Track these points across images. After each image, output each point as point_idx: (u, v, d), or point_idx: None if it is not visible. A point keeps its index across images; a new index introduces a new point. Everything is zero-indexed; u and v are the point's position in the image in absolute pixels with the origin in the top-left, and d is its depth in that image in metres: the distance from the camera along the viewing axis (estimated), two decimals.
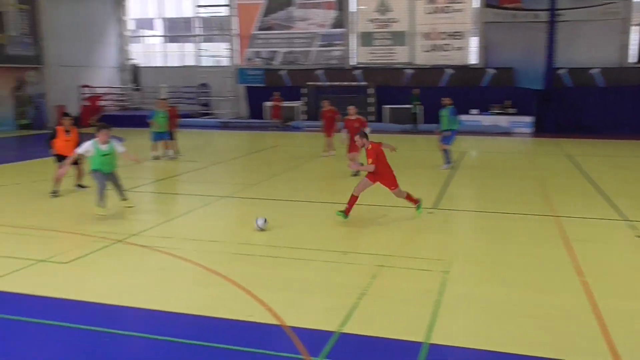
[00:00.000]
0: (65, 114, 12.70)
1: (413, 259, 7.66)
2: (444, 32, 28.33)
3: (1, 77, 26.11)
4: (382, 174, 9.47)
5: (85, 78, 31.00)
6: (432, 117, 25.46)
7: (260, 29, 31.28)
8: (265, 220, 8.93)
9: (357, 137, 9.68)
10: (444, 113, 15.47)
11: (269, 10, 30.97)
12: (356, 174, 13.30)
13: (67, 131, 11.92)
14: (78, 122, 29.20)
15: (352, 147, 13.25)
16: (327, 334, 5.39)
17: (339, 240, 8.66)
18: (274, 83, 30.33)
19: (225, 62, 32.61)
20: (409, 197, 9.80)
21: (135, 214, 10.32)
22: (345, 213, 9.40)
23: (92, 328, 5.52)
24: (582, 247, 8.20)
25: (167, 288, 6.65)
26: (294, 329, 5.48)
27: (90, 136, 10.45)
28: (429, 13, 28.42)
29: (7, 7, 26.07)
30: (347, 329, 5.52)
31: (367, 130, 12.35)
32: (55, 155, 11.93)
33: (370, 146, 9.36)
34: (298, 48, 30.88)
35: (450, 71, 28.30)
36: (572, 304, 6.18)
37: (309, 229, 9.39)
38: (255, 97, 30.46)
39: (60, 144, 11.84)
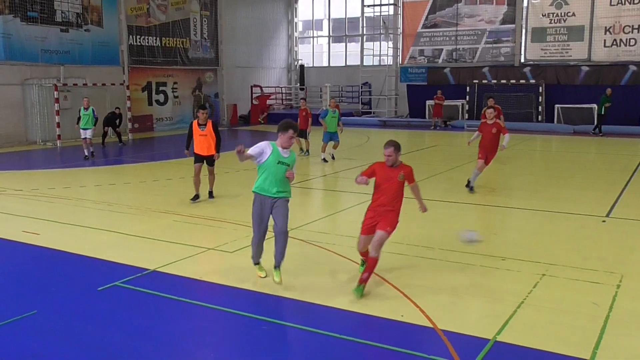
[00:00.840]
0: (202, 107, 11.26)
1: (579, 270, 7.10)
2: (629, 26, 25.90)
3: (184, 78, 28.67)
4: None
5: (256, 78, 32.98)
6: (611, 118, 23.53)
7: (426, 27, 30.95)
8: (475, 234, 7.36)
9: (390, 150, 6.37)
10: None
11: (435, 8, 30.55)
12: None
13: (201, 125, 11.01)
14: (248, 119, 31.40)
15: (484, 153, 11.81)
16: (481, 341, 5.18)
17: (498, 246, 8.28)
18: (437, 81, 29.87)
19: (388, 61, 32.77)
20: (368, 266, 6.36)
21: (295, 208, 10.74)
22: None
23: (251, 315, 5.84)
24: None
25: (324, 283, 6.82)
26: (447, 333, 5.34)
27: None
28: (613, 5, 26.11)
29: (192, 13, 28.54)
30: (502, 338, 5.26)
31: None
32: (194, 154, 11.20)
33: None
34: (464, 45, 30.08)
35: (633, 68, 25.79)
36: None
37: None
38: (417, 96, 30.21)
39: (195, 139, 11.06)
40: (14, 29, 21.28)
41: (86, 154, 17.09)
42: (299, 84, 35.43)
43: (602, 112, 23.11)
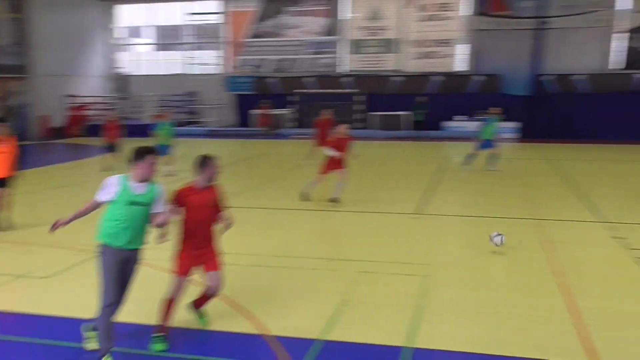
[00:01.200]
0: (1, 119, 9.72)
1: (394, 264, 7.63)
2: (433, 40, 28.52)
3: None
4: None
5: (71, 87, 30.77)
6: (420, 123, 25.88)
7: (251, 37, 31.31)
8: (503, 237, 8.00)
9: None
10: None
11: (260, 18, 31.02)
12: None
13: None
14: (62, 132, 29.15)
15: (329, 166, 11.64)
16: (309, 342, 5.35)
17: (324, 248, 8.62)
18: (263, 90, 30.33)
19: (214, 69, 32.58)
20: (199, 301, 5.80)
21: None
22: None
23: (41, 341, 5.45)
24: (561, 249, 8.23)
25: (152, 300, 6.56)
26: (279, 338, 5.44)
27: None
28: (419, 21, 28.60)
29: None
30: (329, 336, 5.48)
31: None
32: None
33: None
34: (288, 56, 30.93)
35: (438, 78, 28.44)
36: (550, 304, 6.20)
37: (297, 237, 9.35)
38: (245, 105, 30.42)
39: None
40: None
41: None
42: (119, 93, 33.78)
43: (420, 119, 25.68)
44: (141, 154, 4.96)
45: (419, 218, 10.42)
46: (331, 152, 11.46)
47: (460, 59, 28.54)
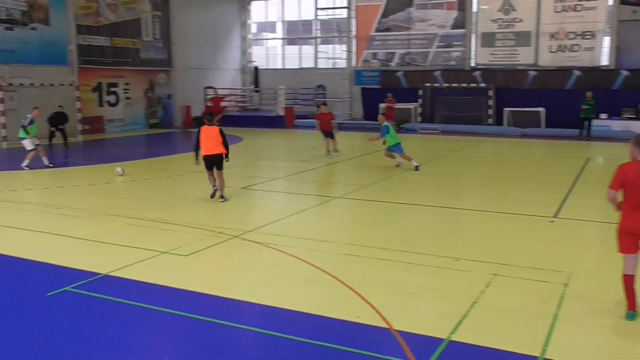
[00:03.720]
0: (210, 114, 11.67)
1: (529, 269, 7.29)
2: (572, 32, 26.83)
3: (136, 79, 28.14)
4: None
5: (210, 80, 32.65)
6: (557, 120, 24.38)
7: (378, 31, 31.30)
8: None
9: None
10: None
11: (388, 12, 30.92)
12: None
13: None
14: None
15: None
16: (436, 341, 5.27)
17: (452, 246, 8.44)
18: (390, 84, 30.21)
19: (342, 64, 32.97)
20: None
21: (251, 211, 10.70)
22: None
23: (207, 319, 5.77)
24: None
25: (279, 285, 6.80)
26: (402, 333, 5.41)
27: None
28: (558, 12, 27.01)
29: (143, 14, 28.07)
30: (456, 337, 5.36)
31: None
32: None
33: None
34: (416, 49, 30.56)
35: (577, 73, 26.72)
36: None
37: (421, 233, 9.24)
38: (371, 99, 30.51)
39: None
40: None
41: (46, 163, 15.86)
42: (253, 86, 35.27)
43: (586, 115, 22.99)
44: None
45: (556, 222, 9.86)
46: None
47: (603, 53, 26.59)
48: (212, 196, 11.22)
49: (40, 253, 7.91)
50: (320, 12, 32.90)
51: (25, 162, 15.56)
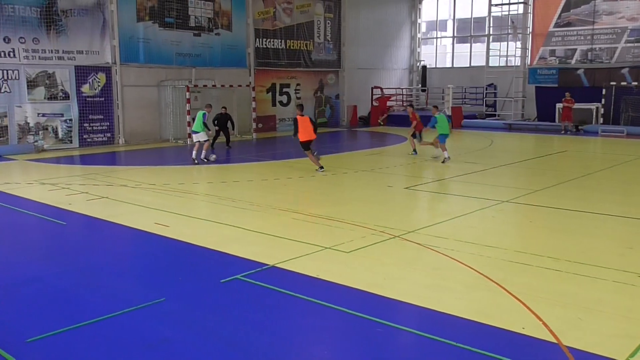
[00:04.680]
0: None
1: None
2: None
3: (307, 80, 29.34)
4: None
5: (377, 79, 32.99)
6: None
7: (558, 26, 29.35)
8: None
9: None
10: None
11: (570, 5, 28.88)
12: None
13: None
14: (368, 121, 31.48)
15: None
16: None
17: (634, 261, 7.64)
18: (568, 83, 28.24)
19: (514, 61, 31.48)
20: None
21: (413, 211, 10.60)
22: None
23: (366, 316, 5.82)
24: None
25: (439, 287, 6.66)
26: (572, 350, 5.01)
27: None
28: None
29: (316, 16, 29.15)
30: None
31: None
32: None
33: None
34: (601, 45, 28.16)
35: None
36: None
37: (598, 244, 8.50)
38: (546, 98, 28.74)
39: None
40: (153, 34, 22.88)
41: (193, 157, 16.88)
42: (420, 85, 35.00)
43: None
44: None
45: None
46: None
47: None
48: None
49: (215, 242, 8.55)
50: (494, 8, 31.69)
51: (203, 154, 17.00)
